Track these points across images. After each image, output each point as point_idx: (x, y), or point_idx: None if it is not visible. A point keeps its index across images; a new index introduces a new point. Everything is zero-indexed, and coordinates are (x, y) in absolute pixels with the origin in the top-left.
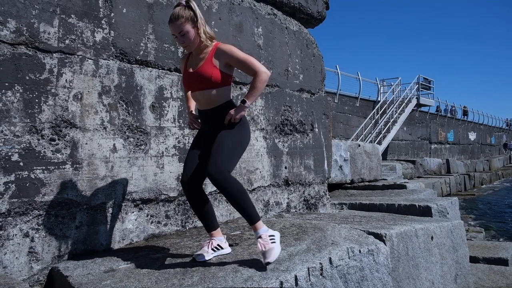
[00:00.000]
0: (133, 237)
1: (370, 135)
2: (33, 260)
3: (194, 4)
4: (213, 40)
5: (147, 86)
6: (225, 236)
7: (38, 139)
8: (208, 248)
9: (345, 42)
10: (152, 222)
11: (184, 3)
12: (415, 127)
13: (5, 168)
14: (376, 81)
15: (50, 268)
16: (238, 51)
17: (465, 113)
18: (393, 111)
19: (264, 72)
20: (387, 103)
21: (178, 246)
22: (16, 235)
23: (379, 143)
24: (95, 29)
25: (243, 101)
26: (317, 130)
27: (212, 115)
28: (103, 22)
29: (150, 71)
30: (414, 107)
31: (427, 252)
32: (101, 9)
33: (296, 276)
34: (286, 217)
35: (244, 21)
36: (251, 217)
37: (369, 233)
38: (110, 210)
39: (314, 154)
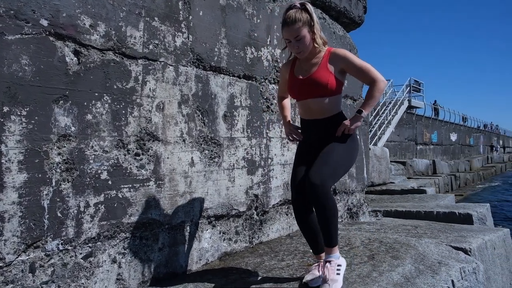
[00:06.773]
0: (208, 257)
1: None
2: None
3: (310, 7)
4: (325, 45)
5: (220, 94)
6: None
7: (125, 154)
8: (319, 272)
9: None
10: (224, 240)
11: (298, 5)
12: (403, 128)
13: (95, 187)
14: None
15: None
16: (355, 57)
17: (436, 111)
18: (386, 113)
19: (382, 81)
20: (379, 105)
21: (267, 268)
22: (105, 261)
23: (375, 144)
24: (176, 33)
25: (359, 111)
26: (358, 137)
27: (323, 125)
28: (182, 25)
29: (223, 78)
30: (405, 109)
31: (493, 264)
32: (180, 12)
33: None
34: (342, 229)
35: None
36: (332, 240)
37: (455, 247)
38: (188, 228)
39: (356, 161)
